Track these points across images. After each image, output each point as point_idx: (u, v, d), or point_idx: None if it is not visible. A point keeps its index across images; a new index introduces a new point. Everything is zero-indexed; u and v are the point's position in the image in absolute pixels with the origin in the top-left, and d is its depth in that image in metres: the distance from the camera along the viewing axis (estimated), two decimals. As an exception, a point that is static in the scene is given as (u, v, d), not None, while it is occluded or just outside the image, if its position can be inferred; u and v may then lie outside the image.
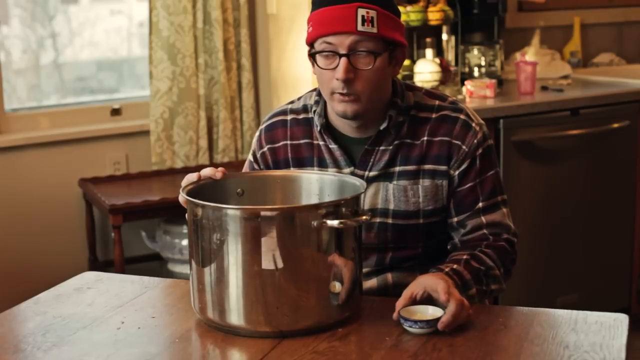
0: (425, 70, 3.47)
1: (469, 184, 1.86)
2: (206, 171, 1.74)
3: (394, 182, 1.86)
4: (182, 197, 1.66)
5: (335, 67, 1.76)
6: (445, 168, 1.86)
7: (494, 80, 3.50)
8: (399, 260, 1.90)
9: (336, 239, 1.59)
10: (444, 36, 3.64)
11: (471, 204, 1.86)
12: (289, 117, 1.96)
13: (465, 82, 3.51)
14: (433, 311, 1.60)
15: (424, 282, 1.65)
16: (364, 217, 1.60)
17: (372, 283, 1.90)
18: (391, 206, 1.86)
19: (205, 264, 1.60)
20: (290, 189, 1.81)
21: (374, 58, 1.76)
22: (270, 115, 2.00)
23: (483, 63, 3.73)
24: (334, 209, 1.58)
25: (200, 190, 1.69)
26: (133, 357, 1.53)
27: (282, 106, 2.00)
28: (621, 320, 1.63)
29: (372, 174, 1.87)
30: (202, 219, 1.59)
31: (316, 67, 1.81)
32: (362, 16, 1.74)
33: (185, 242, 3.50)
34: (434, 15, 3.50)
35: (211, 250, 1.59)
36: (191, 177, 1.73)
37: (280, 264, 1.55)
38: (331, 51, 1.77)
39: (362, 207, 1.83)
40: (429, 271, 1.74)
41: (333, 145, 1.89)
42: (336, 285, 1.60)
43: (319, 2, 1.79)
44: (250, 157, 2.02)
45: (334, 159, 1.89)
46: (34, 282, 3.10)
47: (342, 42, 1.75)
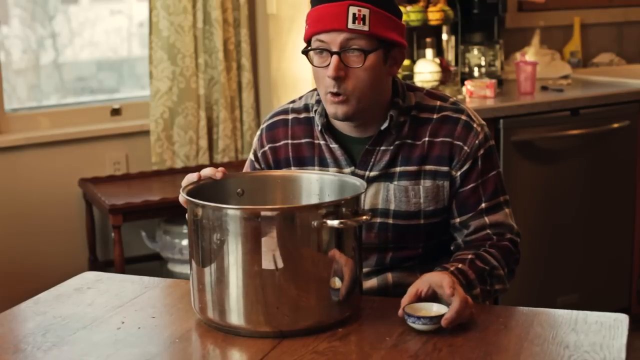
0: (425, 70, 3.47)
1: (471, 184, 1.86)
2: (206, 171, 1.74)
3: (395, 183, 1.86)
4: (182, 197, 1.66)
5: (327, 65, 1.76)
6: (446, 169, 1.85)
7: (494, 80, 3.50)
8: (399, 260, 1.90)
9: (336, 239, 1.59)
10: (444, 36, 3.64)
11: (474, 205, 1.86)
12: (290, 117, 1.96)
13: (465, 82, 3.51)
14: (437, 309, 1.60)
15: (429, 279, 1.65)
16: (364, 217, 1.60)
17: (372, 283, 1.90)
18: (392, 206, 1.86)
19: (205, 264, 1.60)
20: (290, 189, 1.81)
21: (364, 56, 1.75)
22: (271, 115, 2.00)
23: (483, 63, 3.73)
24: (334, 209, 1.58)
25: (200, 190, 1.69)
26: (133, 357, 1.53)
27: (284, 105, 2.00)
28: (621, 320, 1.63)
29: (373, 174, 1.87)
30: (202, 219, 1.59)
31: (312, 66, 1.81)
32: (354, 14, 1.73)
33: (185, 242, 3.50)
34: (434, 15, 3.50)
35: (211, 250, 1.59)
36: (191, 177, 1.73)
37: (280, 264, 1.55)
38: (324, 49, 1.77)
39: (362, 207, 1.83)
40: (433, 270, 1.74)
41: (334, 145, 1.89)
42: (336, 285, 1.60)
43: (314, 0, 1.80)
44: (251, 156, 2.02)
45: (334, 158, 1.89)
46: (34, 282, 3.10)
47: (334, 40, 1.75)
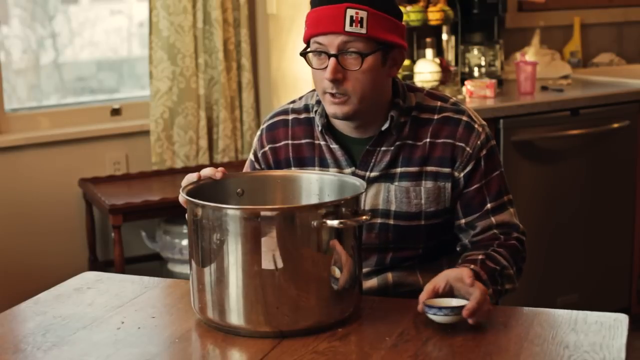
0: (425, 70, 3.46)
1: (475, 185, 1.86)
2: (206, 171, 1.74)
3: (396, 184, 1.86)
4: (182, 197, 1.66)
5: (326, 67, 1.76)
6: (448, 170, 1.85)
7: (494, 80, 3.50)
8: (400, 260, 1.90)
9: (336, 239, 1.59)
10: (444, 36, 3.64)
11: (479, 206, 1.86)
12: (291, 117, 1.96)
13: (465, 82, 3.51)
14: (457, 302, 1.60)
15: (447, 275, 1.64)
16: (363, 217, 1.60)
17: (372, 283, 1.90)
18: (392, 207, 1.86)
19: (205, 264, 1.60)
20: (290, 189, 1.81)
21: (362, 59, 1.75)
22: (271, 115, 2.00)
23: (483, 63, 3.73)
24: (334, 209, 1.58)
25: (200, 190, 1.69)
26: (133, 357, 1.53)
27: (284, 106, 2.00)
28: (621, 320, 1.63)
29: (373, 174, 1.87)
30: (202, 219, 1.59)
31: (311, 67, 1.81)
32: (351, 17, 1.73)
33: (185, 242, 3.50)
34: (434, 15, 3.50)
35: (211, 250, 1.59)
36: (191, 177, 1.73)
37: (280, 264, 1.55)
38: (321, 51, 1.77)
39: (362, 207, 1.83)
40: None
41: (334, 145, 1.89)
42: (336, 285, 1.60)
43: (313, 2, 1.80)
44: (251, 157, 2.01)
45: (335, 159, 1.89)
46: (34, 282, 3.10)
47: (332, 43, 1.75)
